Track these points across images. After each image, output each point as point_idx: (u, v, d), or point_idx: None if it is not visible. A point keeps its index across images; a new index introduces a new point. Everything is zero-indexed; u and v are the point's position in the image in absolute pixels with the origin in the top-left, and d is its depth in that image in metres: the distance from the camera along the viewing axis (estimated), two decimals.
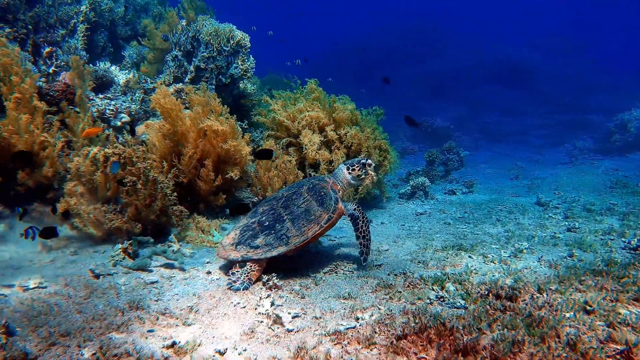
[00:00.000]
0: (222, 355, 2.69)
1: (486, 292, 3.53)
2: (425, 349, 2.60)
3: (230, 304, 3.42)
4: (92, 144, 5.81)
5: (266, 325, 3.06)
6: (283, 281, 3.98)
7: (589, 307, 3.15)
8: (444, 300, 3.50)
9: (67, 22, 8.98)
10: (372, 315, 3.19)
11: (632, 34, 40.20)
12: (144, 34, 9.47)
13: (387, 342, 2.70)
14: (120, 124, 6.89)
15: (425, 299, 3.53)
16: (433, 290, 3.71)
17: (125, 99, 7.55)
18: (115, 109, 6.99)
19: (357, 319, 3.15)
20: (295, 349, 2.69)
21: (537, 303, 3.27)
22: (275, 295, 3.61)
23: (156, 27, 9.15)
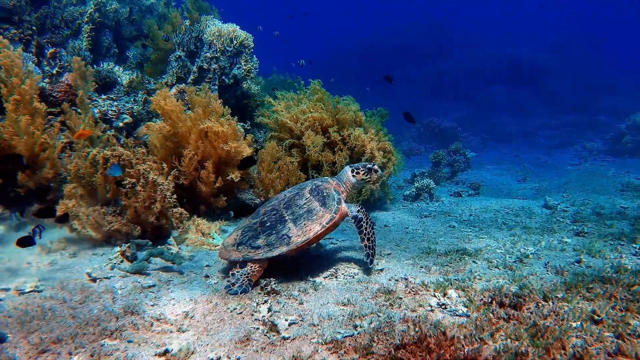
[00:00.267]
0: None
1: (489, 300, 3.43)
2: None
3: (226, 310, 3.35)
4: (94, 145, 5.80)
5: (262, 332, 2.99)
6: (282, 285, 3.91)
7: (596, 317, 3.03)
8: (445, 308, 3.40)
9: (72, 23, 9.01)
10: (371, 323, 3.10)
11: None
12: (148, 34, 9.46)
13: (385, 352, 2.62)
14: (122, 124, 6.87)
15: (427, 306, 3.44)
16: (435, 296, 3.61)
17: (128, 99, 7.53)
18: (117, 110, 6.97)
19: (356, 327, 3.07)
20: (290, 358, 2.62)
21: (543, 312, 3.16)
22: (273, 300, 3.53)
23: (160, 28, 9.12)
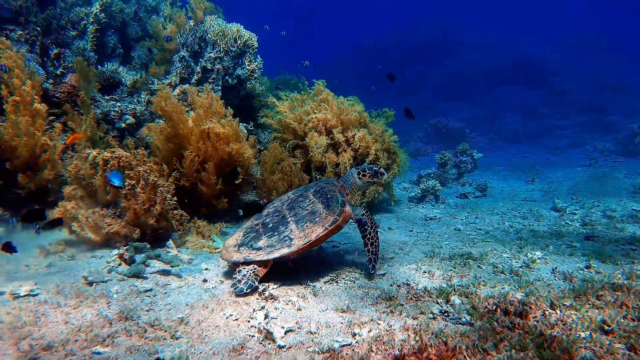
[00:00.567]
0: None
1: (494, 307, 3.31)
2: None
3: (222, 316, 3.27)
4: (96, 147, 5.77)
5: (257, 340, 2.90)
6: (281, 290, 3.83)
7: (607, 327, 2.90)
8: (448, 315, 3.29)
9: (78, 24, 9.02)
10: (371, 331, 3.00)
11: None
12: (153, 35, 9.44)
13: None
14: (124, 125, 6.85)
15: (428, 314, 3.33)
16: (437, 303, 3.50)
17: (132, 100, 7.51)
18: (120, 111, 6.95)
19: (354, 335, 2.97)
20: None
21: (550, 321, 3.03)
22: (271, 306, 3.45)
23: (165, 28, 9.09)
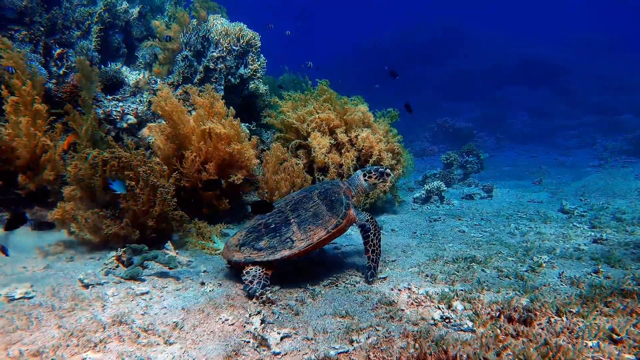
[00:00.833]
0: None
1: (497, 314, 3.21)
2: None
3: (218, 320, 3.21)
4: (97, 147, 5.75)
5: (252, 346, 2.83)
6: (279, 293, 3.76)
7: (615, 336, 2.79)
8: (449, 322, 3.19)
9: (82, 24, 9.03)
10: (369, 338, 2.92)
11: None
12: (156, 34, 9.42)
13: None
14: (126, 125, 6.82)
15: (429, 320, 3.24)
16: (439, 309, 3.41)
17: (134, 100, 7.49)
18: (121, 110, 6.93)
19: (352, 342, 2.89)
20: None
21: (555, 328, 2.93)
22: (268, 311, 3.38)
23: (169, 27, 9.06)
